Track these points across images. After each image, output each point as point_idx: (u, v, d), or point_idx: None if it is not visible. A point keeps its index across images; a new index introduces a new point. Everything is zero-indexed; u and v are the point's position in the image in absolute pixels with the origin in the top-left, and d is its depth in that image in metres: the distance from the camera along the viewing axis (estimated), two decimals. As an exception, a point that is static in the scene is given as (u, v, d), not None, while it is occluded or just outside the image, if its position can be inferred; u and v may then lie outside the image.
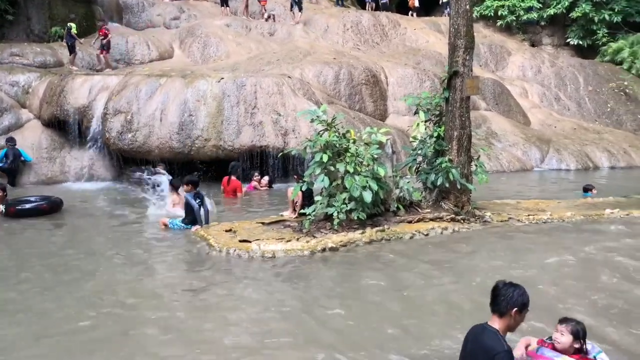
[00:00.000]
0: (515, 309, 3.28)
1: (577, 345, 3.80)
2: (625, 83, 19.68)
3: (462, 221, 8.41)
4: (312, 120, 8.29)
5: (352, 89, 14.97)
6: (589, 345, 3.91)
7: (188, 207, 8.22)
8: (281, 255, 6.79)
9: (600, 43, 21.78)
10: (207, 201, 8.59)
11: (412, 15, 23.39)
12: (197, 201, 8.17)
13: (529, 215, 8.75)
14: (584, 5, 21.33)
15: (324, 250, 6.97)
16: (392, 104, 15.78)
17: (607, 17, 21.29)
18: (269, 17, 20.32)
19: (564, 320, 3.90)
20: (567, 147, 16.21)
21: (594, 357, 3.83)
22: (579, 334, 3.78)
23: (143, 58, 17.01)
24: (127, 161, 12.95)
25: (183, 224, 8.22)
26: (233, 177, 11.17)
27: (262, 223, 8.11)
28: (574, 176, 14.54)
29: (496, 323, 3.32)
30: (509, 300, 3.29)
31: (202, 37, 18.02)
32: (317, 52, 16.89)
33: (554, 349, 3.89)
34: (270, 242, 7.12)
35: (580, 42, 22.25)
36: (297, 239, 7.26)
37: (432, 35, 20.93)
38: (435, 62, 18.12)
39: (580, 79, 20.10)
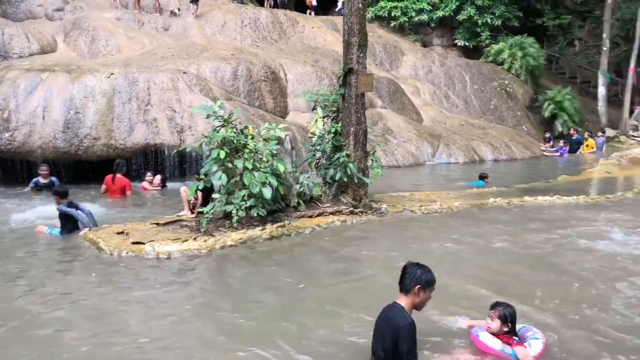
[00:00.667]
0: (419, 286, 3.51)
1: (506, 329, 4.07)
2: (506, 82, 21.29)
3: (360, 214, 8.64)
4: (208, 116, 8.08)
5: (251, 85, 14.82)
6: (530, 331, 4.18)
7: (64, 217, 7.63)
8: (177, 255, 6.54)
9: (484, 44, 23.36)
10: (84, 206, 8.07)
11: (310, 13, 23.66)
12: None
13: (421, 206, 9.18)
14: (469, 9, 22.77)
15: (222, 248, 6.82)
16: (292, 101, 15.84)
17: (489, 20, 22.90)
18: (172, 12, 19.58)
19: (493, 306, 4.18)
20: (455, 142, 17.23)
21: (527, 341, 4.08)
22: (507, 318, 4.06)
23: (22, 52, 15.59)
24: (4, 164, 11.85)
25: (61, 236, 7.64)
26: (119, 175, 10.49)
27: (157, 224, 7.77)
28: (462, 169, 15.51)
29: (402, 300, 3.55)
30: (412, 278, 3.53)
31: (89, 31, 16.90)
32: (215, 48, 16.54)
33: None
34: (166, 242, 6.84)
35: (467, 44, 23.72)
36: (195, 239, 7.04)
37: (329, 34, 21.29)
38: (333, 61, 18.43)
39: (466, 78, 21.44)
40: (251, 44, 18.76)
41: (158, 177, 11.31)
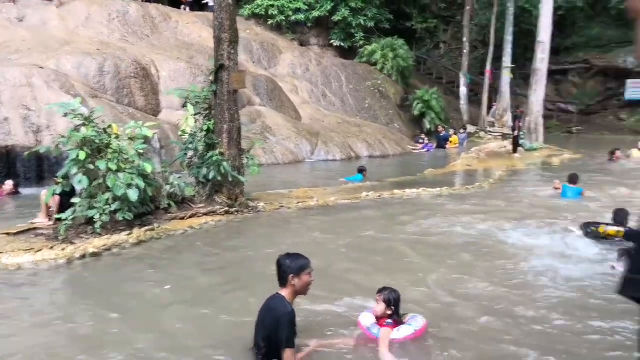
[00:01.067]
0: (292, 274, 3.69)
1: (389, 312, 4.26)
2: (379, 82, 22.26)
3: (235, 213, 8.50)
4: (66, 115, 7.43)
5: (119, 82, 13.96)
6: (413, 319, 4.37)
7: None
8: (29, 267, 5.92)
9: (358, 45, 24.23)
10: None
11: (184, 9, 22.90)
12: None
13: (298, 202, 9.27)
14: (343, 10, 23.48)
15: (83, 257, 6.30)
16: (165, 98, 15.19)
17: (362, 22, 23.79)
18: None
19: (380, 290, 4.36)
20: (333, 139, 17.66)
21: (408, 324, 4.30)
22: (390, 301, 4.26)
23: None
24: None
25: None
26: None
27: (7, 234, 6.99)
28: (340, 165, 15.93)
29: (283, 291, 3.74)
30: (285, 269, 3.72)
31: None
32: (78, 42, 15.36)
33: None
34: (16, 253, 6.17)
35: (342, 44, 24.44)
36: (51, 248, 6.43)
37: (205, 30, 20.69)
38: (209, 57, 17.77)
39: (342, 78, 22.07)
40: (120, 39, 17.67)
41: (10, 183, 10.13)
